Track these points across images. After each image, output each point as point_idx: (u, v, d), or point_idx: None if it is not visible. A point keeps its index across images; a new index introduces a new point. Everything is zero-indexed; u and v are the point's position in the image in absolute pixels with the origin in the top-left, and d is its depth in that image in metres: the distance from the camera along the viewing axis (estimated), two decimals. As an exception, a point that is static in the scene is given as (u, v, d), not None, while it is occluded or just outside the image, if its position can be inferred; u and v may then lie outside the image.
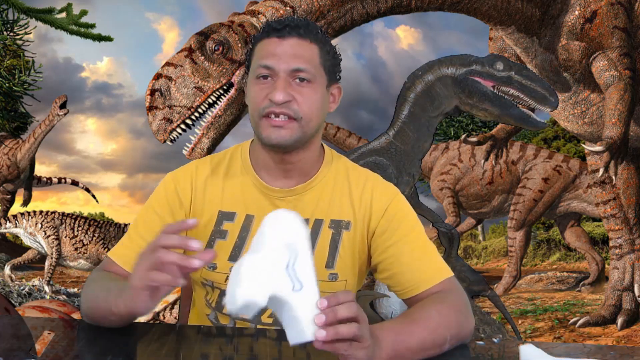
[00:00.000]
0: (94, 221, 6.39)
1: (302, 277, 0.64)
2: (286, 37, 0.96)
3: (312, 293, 0.64)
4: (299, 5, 2.51)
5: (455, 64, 2.24)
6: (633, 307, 4.30)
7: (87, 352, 0.79)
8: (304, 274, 0.65)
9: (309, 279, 0.65)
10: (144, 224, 1.01)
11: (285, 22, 0.97)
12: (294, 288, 0.64)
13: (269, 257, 0.65)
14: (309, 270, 0.65)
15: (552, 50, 3.65)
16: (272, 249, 0.65)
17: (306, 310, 0.63)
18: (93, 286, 0.93)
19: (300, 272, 0.65)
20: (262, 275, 0.63)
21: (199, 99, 2.30)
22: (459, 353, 0.85)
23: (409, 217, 1.02)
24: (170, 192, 1.02)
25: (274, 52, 0.95)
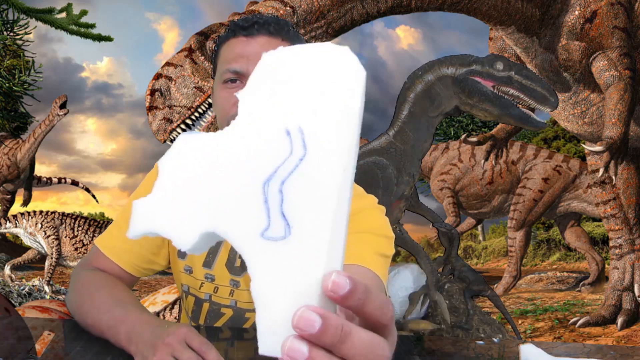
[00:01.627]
0: (94, 221, 6.39)
1: (298, 207, 0.31)
2: (255, 36, 0.87)
3: (311, 253, 0.30)
4: (299, 5, 2.51)
5: (455, 64, 2.24)
6: (633, 307, 4.30)
7: (87, 352, 0.79)
8: (309, 202, 0.31)
9: (314, 217, 0.31)
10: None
11: (253, 19, 0.88)
12: (269, 231, 0.31)
13: (230, 138, 0.34)
14: (325, 197, 0.31)
15: (552, 50, 3.65)
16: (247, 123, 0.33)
17: (291, 289, 0.30)
18: (84, 294, 0.89)
19: (296, 197, 0.31)
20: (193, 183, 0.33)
21: (199, 99, 2.30)
22: (459, 353, 0.85)
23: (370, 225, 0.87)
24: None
25: (242, 53, 0.87)
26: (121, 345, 0.76)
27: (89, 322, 0.84)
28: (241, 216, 0.32)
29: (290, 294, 0.30)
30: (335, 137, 0.32)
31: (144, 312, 0.81)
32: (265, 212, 0.31)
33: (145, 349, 0.70)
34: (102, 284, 0.91)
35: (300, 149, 0.32)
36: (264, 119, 0.33)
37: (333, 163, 0.31)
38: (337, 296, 0.30)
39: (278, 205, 0.31)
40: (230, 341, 0.89)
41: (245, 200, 0.32)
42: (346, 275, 0.30)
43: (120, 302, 0.84)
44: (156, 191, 0.34)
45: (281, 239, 0.31)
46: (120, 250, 0.96)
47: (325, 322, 0.29)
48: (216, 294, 0.98)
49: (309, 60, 0.33)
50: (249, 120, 0.34)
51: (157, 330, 0.72)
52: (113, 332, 0.78)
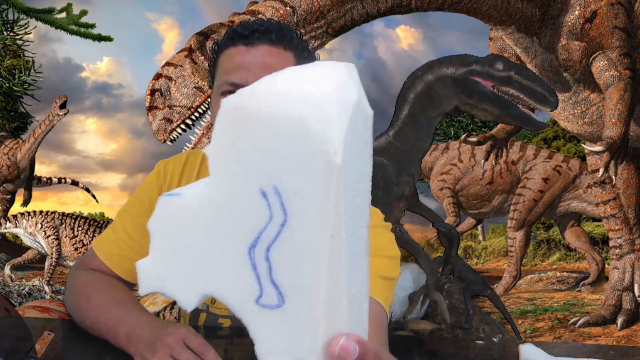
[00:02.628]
0: (94, 221, 6.39)
1: (288, 275, 0.29)
2: (255, 45, 0.82)
3: (308, 321, 0.29)
4: (299, 5, 2.51)
5: (455, 64, 2.24)
6: (633, 307, 4.30)
7: (87, 352, 0.79)
8: (298, 271, 0.29)
9: (306, 286, 0.29)
10: (130, 218, 0.96)
11: (254, 26, 0.82)
12: (263, 299, 0.30)
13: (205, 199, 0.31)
14: (313, 264, 0.28)
15: (552, 50, 3.65)
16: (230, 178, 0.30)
17: (293, 356, 0.30)
18: (82, 295, 0.88)
19: (284, 265, 0.29)
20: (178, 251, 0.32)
21: (199, 99, 2.30)
22: (459, 353, 0.85)
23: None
24: (159, 184, 0.97)
25: (241, 64, 0.81)
26: (120, 346, 0.75)
27: (88, 323, 0.84)
28: (234, 283, 0.31)
29: (295, 357, 0.29)
30: (317, 198, 0.27)
31: (143, 312, 0.80)
32: (255, 280, 0.30)
33: (145, 349, 0.70)
34: (100, 284, 0.90)
35: (280, 214, 0.28)
36: (236, 179, 0.29)
37: (317, 229, 0.27)
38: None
39: (267, 273, 0.29)
40: (230, 340, 0.89)
41: (234, 267, 0.30)
42: (356, 339, 0.28)
43: (119, 303, 0.83)
44: (153, 253, 0.34)
45: (277, 307, 0.29)
46: (116, 256, 0.94)
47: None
48: (214, 305, 0.97)
49: (276, 98, 0.27)
50: (221, 181, 0.30)
51: (156, 330, 0.72)
52: (112, 333, 0.77)
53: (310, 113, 0.26)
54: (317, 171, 0.27)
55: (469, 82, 2.21)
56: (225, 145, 0.29)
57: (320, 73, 0.28)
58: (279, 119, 0.27)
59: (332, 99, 0.27)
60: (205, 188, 0.31)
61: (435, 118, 2.30)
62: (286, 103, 0.27)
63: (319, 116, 0.26)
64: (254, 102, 0.28)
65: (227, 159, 0.29)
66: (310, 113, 0.26)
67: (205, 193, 0.31)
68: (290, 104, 0.27)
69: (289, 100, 0.27)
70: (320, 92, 0.27)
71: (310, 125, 0.26)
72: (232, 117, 0.29)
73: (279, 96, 0.28)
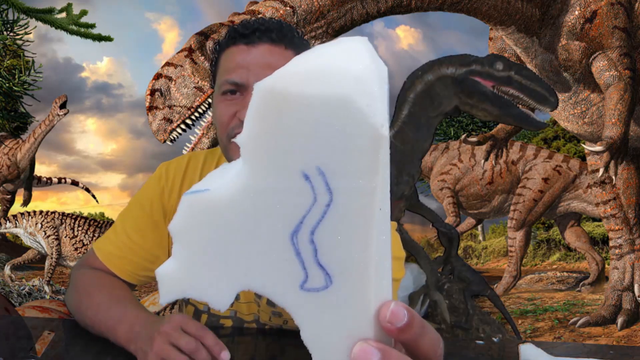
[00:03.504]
0: (94, 221, 6.39)
1: (335, 255, 0.29)
2: (256, 44, 0.81)
3: (359, 296, 0.29)
4: (299, 5, 2.51)
5: (455, 64, 2.24)
6: (633, 307, 4.30)
7: (87, 352, 0.79)
8: (346, 249, 0.29)
9: (355, 263, 0.29)
10: (131, 220, 0.97)
11: (254, 26, 0.82)
12: (308, 283, 0.30)
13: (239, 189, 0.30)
14: (363, 241, 0.29)
15: (552, 50, 3.65)
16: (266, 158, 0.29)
17: (344, 333, 0.30)
18: (83, 293, 0.89)
19: (332, 246, 0.29)
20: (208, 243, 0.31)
21: (199, 99, 2.30)
22: (459, 353, 0.85)
23: None
24: (160, 186, 0.97)
25: (241, 63, 0.81)
26: (121, 345, 0.75)
27: (88, 322, 0.84)
28: (275, 272, 0.30)
29: (344, 336, 0.29)
30: (365, 173, 0.27)
31: (142, 311, 0.80)
32: (299, 265, 0.29)
33: (144, 344, 0.70)
34: (100, 283, 0.90)
35: (325, 194, 0.28)
36: (275, 164, 0.29)
37: (367, 205, 0.28)
38: (394, 328, 0.28)
39: (312, 256, 0.29)
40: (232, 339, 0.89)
41: (275, 256, 0.30)
42: (403, 306, 0.28)
43: (119, 302, 0.83)
44: (176, 256, 0.32)
45: (323, 289, 0.29)
46: (115, 258, 0.94)
47: (385, 356, 0.27)
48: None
49: (313, 78, 0.27)
50: (256, 169, 0.29)
51: (154, 325, 0.72)
52: (112, 332, 0.77)
53: (353, 89, 0.26)
54: (364, 146, 0.27)
55: (469, 82, 2.21)
56: (261, 131, 0.29)
57: (351, 48, 0.28)
58: (321, 98, 0.27)
59: (371, 72, 0.27)
60: (237, 178, 0.30)
61: (435, 118, 2.30)
62: (326, 81, 0.27)
63: (363, 91, 0.26)
64: (291, 83, 0.27)
65: (264, 145, 0.29)
66: (354, 89, 0.26)
67: (238, 183, 0.30)
68: (330, 81, 0.27)
69: (328, 77, 0.27)
70: (359, 67, 0.27)
71: (355, 101, 0.26)
72: (268, 101, 0.28)
73: (317, 75, 0.27)
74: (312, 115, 0.27)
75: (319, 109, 0.27)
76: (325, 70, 0.27)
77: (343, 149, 0.27)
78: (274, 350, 0.84)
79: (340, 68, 0.27)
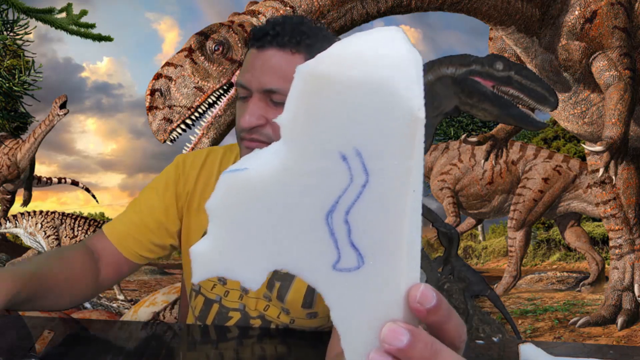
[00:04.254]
0: (94, 221, 6.40)
1: (368, 235, 0.30)
2: (265, 48, 0.82)
3: (390, 277, 0.30)
4: (299, 5, 2.52)
5: (455, 64, 2.24)
6: (633, 307, 4.30)
7: (87, 352, 0.79)
8: (379, 229, 0.30)
9: (388, 243, 0.30)
10: (144, 201, 1.00)
11: (266, 30, 0.83)
12: (341, 263, 0.30)
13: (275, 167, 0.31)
14: (396, 221, 0.29)
15: (552, 50, 3.65)
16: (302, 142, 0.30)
17: (374, 313, 0.30)
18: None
19: (365, 226, 0.30)
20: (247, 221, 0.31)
21: (199, 99, 2.30)
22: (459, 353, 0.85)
23: None
24: (177, 174, 1.01)
25: (248, 67, 0.83)
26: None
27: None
28: (308, 252, 0.31)
29: (373, 317, 0.30)
30: (400, 155, 0.28)
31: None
32: (333, 245, 0.30)
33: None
34: (43, 256, 0.92)
35: (361, 175, 0.29)
36: (314, 145, 0.29)
37: (401, 185, 0.28)
38: (423, 309, 0.29)
39: (346, 236, 0.30)
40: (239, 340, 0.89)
41: (309, 236, 0.30)
42: (432, 289, 0.29)
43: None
44: (211, 235, 0.32)
45: (355, 269, 0.30)
46: (121, 234, 0.97)
47: (415, 337, 0.28)
48: (226, 298, 0.97)
49: (354, 62, 0.28)
50: (295, 149, 0.30)
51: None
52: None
53: (392, 72, 0.27)
54: (401, 128, 0.28)
55: (469, 82, 2.21)
56: (301, 112, 0.29)
57: (389, 36, 0.29)
58: (362, 81, 0.28)
59: (409, 58, 0.28)
60: (276, 158, 0.30)
61: (435, 118, 2.30)
62: (366, 64, 0.28)
63: (402, 76, 0.27)
64: (331, 67, 0.28)
65: (303, 126, 0.29)
66: (393, 74, 0.27)
67: (276, 163, 0.30)
68: (370, 65, 0.28)
69: (368, 61, 0.28)
70: (397, 52, 0.28)
71: (395, 85, 0.27)
72: (309, 83, 0.29)
73: (357, 58, 0.28)
74: (352, 97, 0.28)
75: (359, 92, 0.28)
76: (366, 55, 0.28)
77: (380, 130, 0.28)
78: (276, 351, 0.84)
79: (380, 53, 0.28)
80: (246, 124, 0.80)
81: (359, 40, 0.29)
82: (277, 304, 0.93)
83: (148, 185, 1.03)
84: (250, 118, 0.80)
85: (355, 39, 0.29)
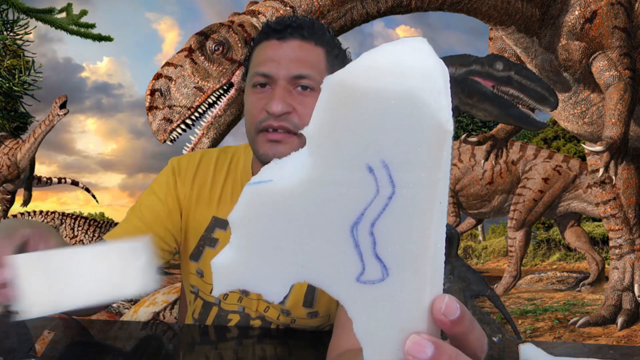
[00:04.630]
0: (94, 221, 6.40)
1: (393, 247, 0.30)
2: (287, 39, 0.84)
3: (414, 289, 0.30)
4: (299, 5, 2.51)
5: (455, 64, 2.24)
6: (633, 307, 4.30)
7: (87, 352, 0.79)
8: (404, 241, 0.29)
9: (413, 255, 0.30)
10: (146, 207, 0.97)
11: (287, 22, 0.85)
12: (365, 275, 0.30)
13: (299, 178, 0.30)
14: (422, 233, 0.29)
15: (552, 50, 3.65)
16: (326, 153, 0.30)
17: (397, 326, 0.30)
18: None
19: (390, 238, 0.30)
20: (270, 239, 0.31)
21: (199, 99, 2.30)
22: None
23: None
24: (174, 177, 0.99)
25: (272, 56, 0.84)
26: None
27: None
28: (332, 264, 0.30)
29: (397, 329, 0.30)
30: (428, 167, 0.28)
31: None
32: (357, 257, 0.30)
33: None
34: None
35: (388, 187, 0.28)
36: (340, 157, 0.29)
37: (428, 197, 0.28)
38: (447, 321, 0.29)
39: (370, 248, 0.29)
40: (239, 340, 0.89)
41: (333, 248, 0.30)
42: (456, 300, 0.29)
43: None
44: (233, 247, 0.32)
45: (379, 281, 0.30)
46: (120, 237, 0.94)
47: (439, 349, 0.28)
48: (225, 301, 0.97)
49: (382, 73, 0.28)
50: (321, 160, 0.29)
51: None
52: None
53: (421, 84, 0.27)
54: (430, 140, 0.28)
55: (469, 82, 2.21)
56: (328, 123, 0.29)
57: (416, 47, 0.29)
58: (390, 92, 0.27)
59: (437, 70, 0.28)
60: (301, 169, 0.30)
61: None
62: (394, 76, 0.28)
63: (430, 87, 0.27)
64: (360, 78, 0.28)
65: (330, 136, 0.29)
66: (422, 85, 0.27)
67: (302, 174, 0.30)
68: (398, 76, 0.28)
69: (396, 73, 0.28)
70: (426, 64, 0.28)
71: (423, 97, 0.27)
72: (337, 93, 0.28)
73: (385, 70, 0.28)
74: (380, 108, 0.28)
75: (387, 103, 0.28)
76: (394, 66, 0.28)
77: (408, 142, 0.28)
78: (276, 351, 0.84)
79: (408, 64, 0.28)
80: (277, 109, 0.80)
81: (386, 51, 0.29)
82: (277, 305, 0.93)
83: (147, 191, 1.00)
84: (281, 104, 0.80)
85: (382, 50, 0.29)
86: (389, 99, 0.27)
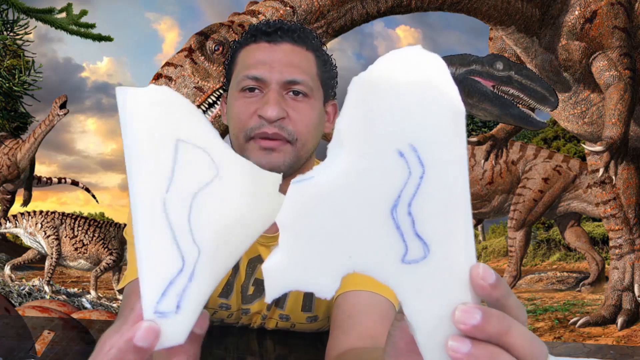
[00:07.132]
0: (94, 221, 6.40)
1: (430, 224, 0.31)
2: (278, 42, 0.81)
3: (454, 261, 0.31)
4: (299, 5, 2.51)
5: (455, 64, 2.25)
6: (633, 307, 4.30)
7: (87, 352, 0.79)
8: (440, 217, 0.31)
9: (449, 229, 0.32)
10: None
11: (277, 25, 0.82)
12: (409, 255, 0.32)
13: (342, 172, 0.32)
14: (454, 207, 0.32)
15: (552, 50, 3.65)
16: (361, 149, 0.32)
17: (444, 300, 0.31)
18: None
19: (427, 215, 0.31)
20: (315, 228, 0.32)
21: (199, 99, 2.30)
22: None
23: None
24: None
25: (264, 59, 0.80)
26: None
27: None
28: (377, 249, 0.32)
29: (444, 304, 0.31)
30: (451, 144, 0.31)
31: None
32: (400, 238, 0.32)
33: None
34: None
35: (418, 167, 0.31)
36: (372, 146, 0.32)
37: (454, 172, 0.32)
38: (487, 285, 0.30)
39: (410, 228, 0.32)
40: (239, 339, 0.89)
41: (377, 232, 0.32)
42: (488, 266, 0.31)
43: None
44: (283, 248, 0.33)
45: (422, 259, 0.32)
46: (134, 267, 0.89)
47: (486, 312, 0.29)
48: (229, 319, 0.95)
49: (401, 68, 0.32)
50: (355, 151, 0.32)
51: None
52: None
53: (435, 74, 0.31)
54: (448, 122, 0.31)
55: (469, 82, 2.21)
56: (358, 117, 0.32)
57: (422, 50, 0.33)
58: (411, 82, 0.31)
59: (442, 63, 0.32)
60: (338, 162, 0.32)
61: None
62: (413, 69, 0.31)
63: (442, 75, 0.31)
64: (384, 73, 0.32)
65: (361, 129, 0.32)
66: (435, 74, 0.31)
67: (339, 167, 0.32)
68: (415, 69, 0.31)
69: (413, 67, 0.31)
70: (434, 59, 0.32)
71: (438, 83, 0.31)
72: (364, 89, 0.32)
73: (405, 65, 0.31)
74: (403, 97, 0.31)
75: (409, 92, 0.31)
76: (410, 61, 0.31)
77: (430, 124, 0.31)
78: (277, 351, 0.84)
79: (421, 60, 0.32)
80: (273, 114, 0.76)
81: (399, 53, 0.32)
82: (275, 313, 0.92)
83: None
84: (277, 109, 0.76)
85: (395, 53, 0.32)
86: (411, 89, 0.31)
